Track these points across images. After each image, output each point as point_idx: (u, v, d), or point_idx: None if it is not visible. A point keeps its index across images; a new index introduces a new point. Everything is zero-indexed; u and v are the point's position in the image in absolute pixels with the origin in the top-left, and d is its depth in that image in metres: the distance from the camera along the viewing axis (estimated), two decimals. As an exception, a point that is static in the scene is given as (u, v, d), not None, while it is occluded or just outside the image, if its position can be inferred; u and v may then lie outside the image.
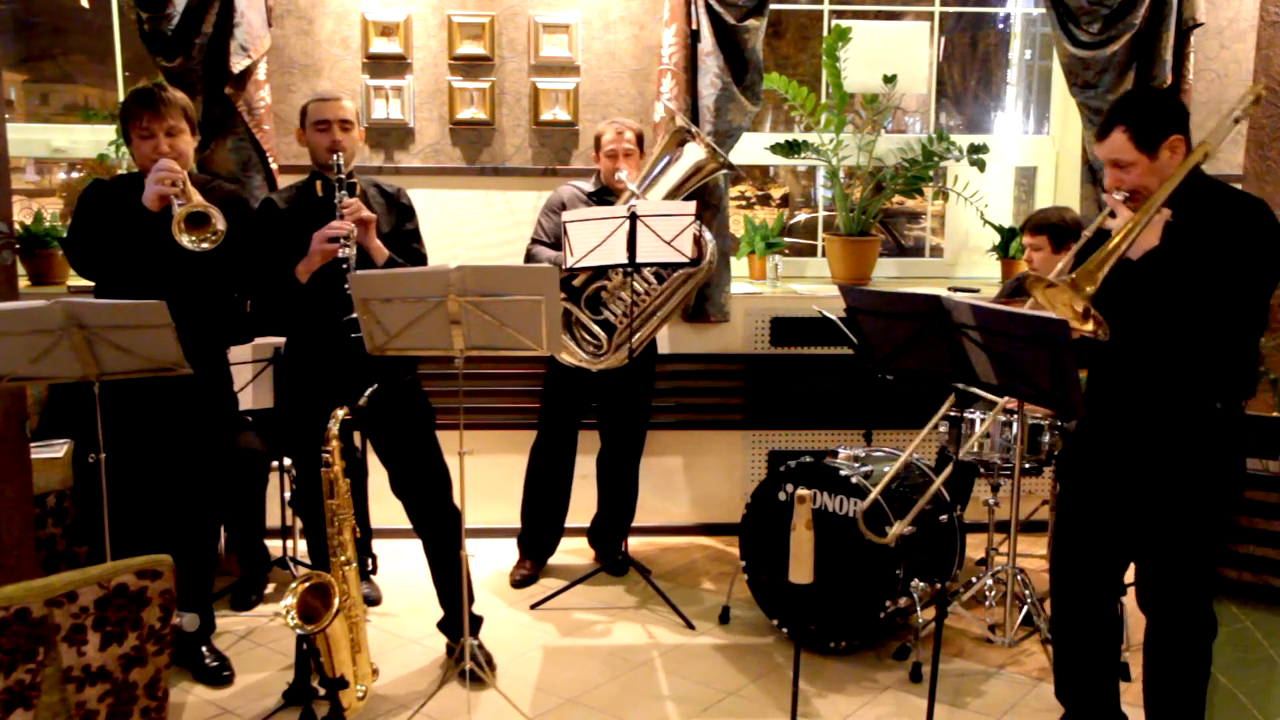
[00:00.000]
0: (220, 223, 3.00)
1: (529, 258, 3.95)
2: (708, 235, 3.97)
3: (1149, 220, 2.46)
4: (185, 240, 2.98)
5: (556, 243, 3.90)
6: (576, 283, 3.82)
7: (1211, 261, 2.45)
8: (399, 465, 3.38)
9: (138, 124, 3.15)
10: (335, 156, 3.23)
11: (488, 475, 4.46)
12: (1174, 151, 2.55)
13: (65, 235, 3.20)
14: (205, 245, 3.00)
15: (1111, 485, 2.72)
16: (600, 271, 3.83)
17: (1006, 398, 3.40)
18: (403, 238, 3.39)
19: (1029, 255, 3.76)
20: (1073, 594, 2.84)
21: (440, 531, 3.31)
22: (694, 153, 3.86)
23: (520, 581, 4.12)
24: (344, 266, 3.11)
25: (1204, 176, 2.58)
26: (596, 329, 3.89)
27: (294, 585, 2.88)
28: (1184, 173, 2.50)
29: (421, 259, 3.42)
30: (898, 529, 3.07)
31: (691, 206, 3.66)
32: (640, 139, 3.97)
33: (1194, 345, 2.54)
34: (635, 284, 3.85)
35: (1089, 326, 2.42)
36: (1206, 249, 2.46)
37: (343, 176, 3.22)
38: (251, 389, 3.86)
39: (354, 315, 2.95)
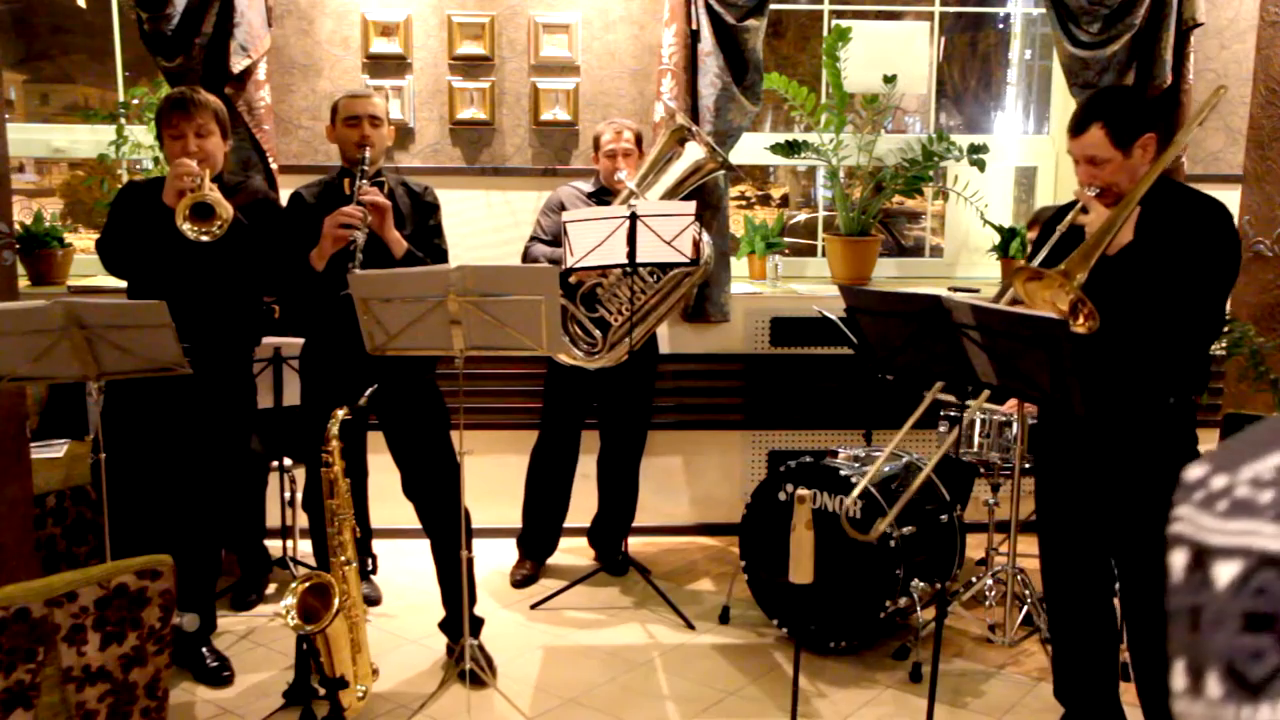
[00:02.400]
0: (225, 214, 3.03)
1: (527, 255, 3.95)
2: (705, 237, 3.97)
3: (1128, 216, 2.49)
4: (185, 228, 3.00)
5: (555, 240, 3.90)
6: (572, 280, 3.82)
7: (1179, 261, 2.50)
8: (413, 465, 3.39)
9: (169, 124, 3.20)
10: (362, 151, 3.26)
11: (488, 475, 4.46)
12: (1145, 150, 2.58)
13: (99, 239, 3.28)
14: (204, 238, 3.02)
15: (1081, 478, 2.76)
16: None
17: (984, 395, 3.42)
18: (425, 233, 3.41)
19: None
20: (1064, 589, 2.85)
21: (450, 533, 3.31)
22: (693, 152, 3.86)
23: (520, 582, 4.12)
24: (350, 247, 3.12)
25: (1164, 175, 2.63)
26: (591, 326, 3.89)
27: (294, 585, 2.89)
28: (1159, 170, 2.55)
29: (442, 254, 3.44)
30: (882, 525, 3.08)
31: (691, 206, 3.66)
32: (639, 139, 3.97)
33: (1156, 340, 2.60)
34: (631, 282, 3.85)
35: (1079, 323, 2.43)
36: (1175, 248, 2.51)
37: (365, 168, 3.25)
38: (251, 389, 3.87)
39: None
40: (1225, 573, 0.63)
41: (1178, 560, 0.65)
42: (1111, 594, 2.86)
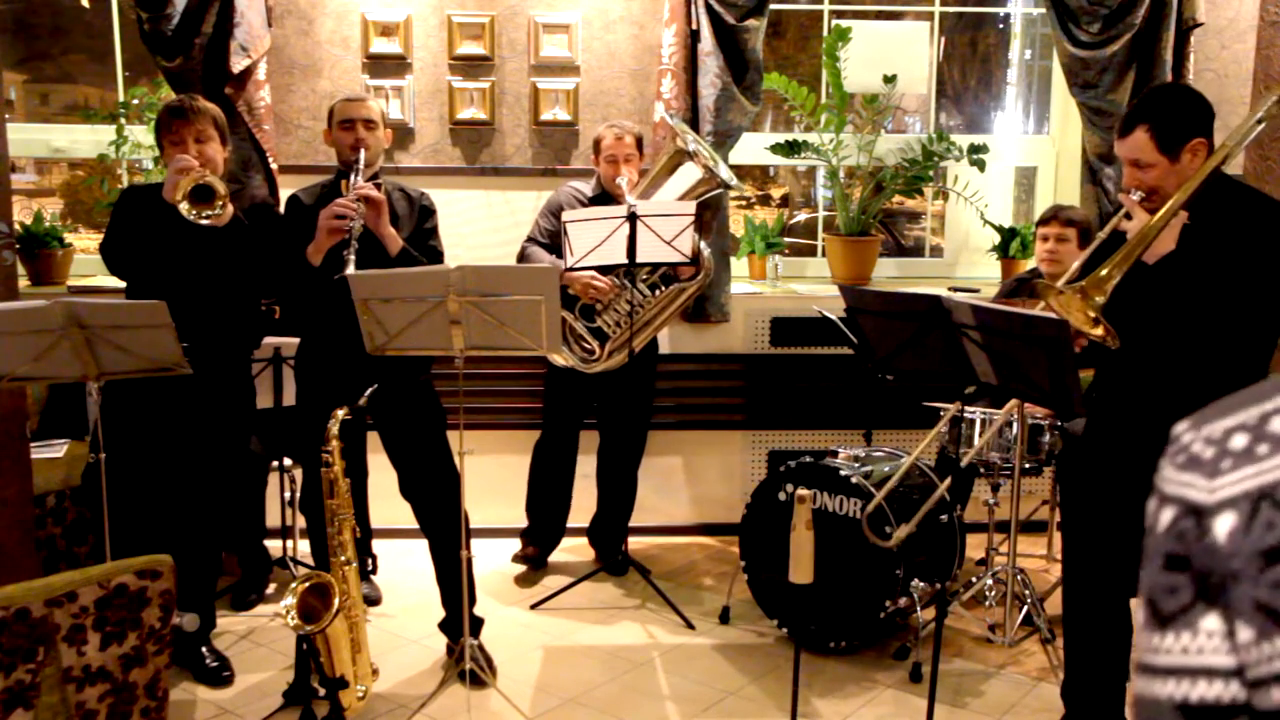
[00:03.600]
0: (223, 195, 3.04)
1: (522, 256, 3.95)
2: (704, 247, 3.96)
3: (1165, 224, 2.41)
4: (183, 207, 3.01)
5: (550, 243, 3.91)
6: (572, 291, 3.83)
7: (1228, 271, 2.39)
8: (409, 466, 3.40)
9: (169, 131, 3.22)
10: (356, 154, 3.29)
11: (489, 475, 4.46)
12: (1195, 154, 2.48)
13: (102, 242, 3.29)
14: (205, 220, 3.03)
15: (1114, 486, 2.71)
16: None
17: (1009, 406, 3.40)
18: (421, 235, 3.44)
19: (1052, 247, 3.74)
20: (1084, 596, 2.82)
21: (448, 533, 3.31)
22: (691, 173, 3.85)
23: (523, 560, 4.14)
24: (347, 234, 3.13)
25: (1224, 177, 2.51)
26: (589, 337, 3.90)
27: (294, 585, 2.88)
28: (1202, 176, 2.43)
29: (437, 255, 3.46)
30: (902, 533, 3.08)
31: (691, 206, 3.66)
32: (640, 142, 3.97)
33: (1202, 352, 2.49)
34: (630, 296, 3.85)
35: (1099, 331, 2.39)
36: (1223, 257, 2.40)
37: (359, 167, 3.27)
38: (251, 389, 3.87)
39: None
40: (1164, 518, 0.71)
41: (1150, 506, 0.74)
42: (1129, 601, 2.82)
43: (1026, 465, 3.62)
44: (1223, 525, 0.67)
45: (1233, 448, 0.70)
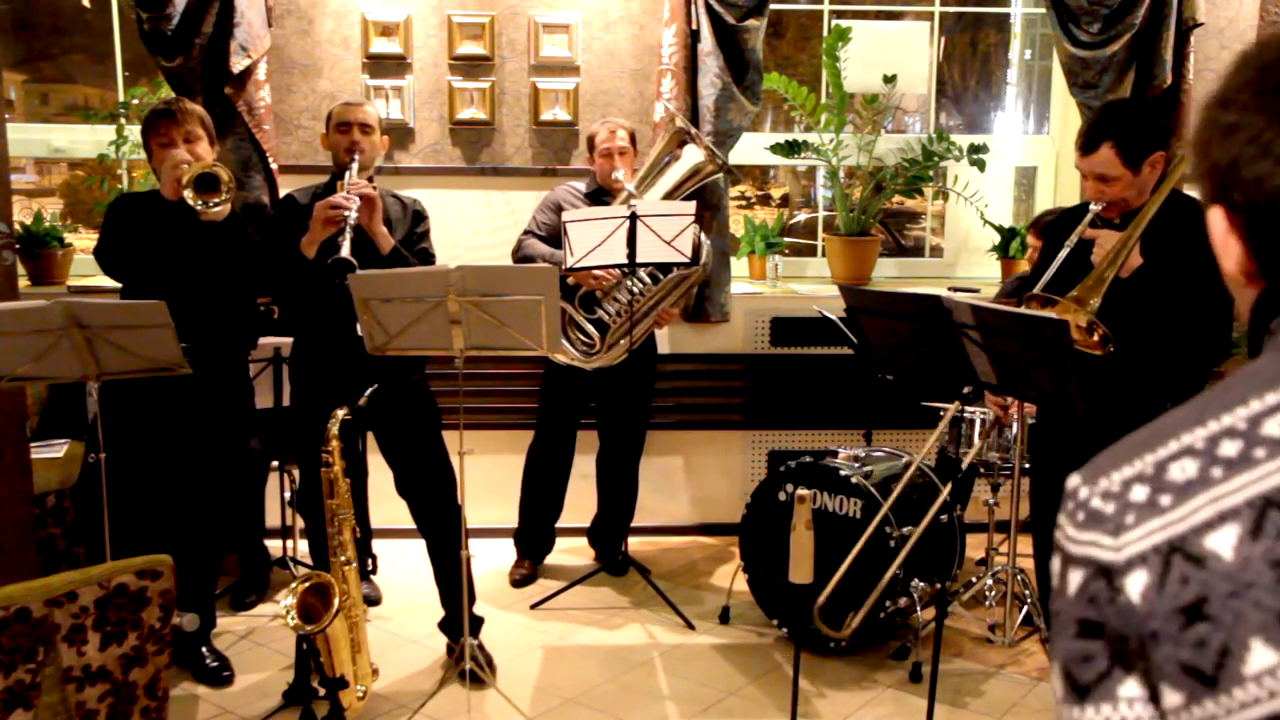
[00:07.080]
0: (228, 182, 3.06)
1: (519, 248, 3.95)
2: (704, 238, 3.97)
3: (1137, 239, 2.50)
4: (188, 195, 3.03)
5: (549, 238, 3.91)
6: (570, 281, 3.83)
7: (1187, 285, 2.51)
8: (405, 465, 3.40)
9: (157, 134, 3.23)
10: (352, 157, 3.31)
11: (487, 475, 4.46)
12: (1154, 167, 2.60)
13: (95, 247, 3.30)
14: (214, 208, 3.04)
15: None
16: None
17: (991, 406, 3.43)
18: (413, 239, 3.46)
19: (1030, 255, 3.76)
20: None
21: (445, 532, 3.32)
22: (692, 154, 3.86)
23: (519, 582, 4.13)
24: (342, 223, 3.14)
25: (1173, 189, 2.65)
26: (590, 327, 3.90)
27: (294, 585, 2.88)
28: (1167, 190, 2.57)
29: (428, 257, 3.47)
30: (856, 621, 3.10)
31: (691, 206, 3.66)
32: (633, 137, 3.98)
33: (1169, 358, 2.61)
34: (631, 284, 3.85)
35: (1095, 340, 2.44)
36: (1183, 270, 2.52)
37: (354, 169, 3.29)
38: (251, 389, 3.86)
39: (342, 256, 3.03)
40: (1073, 581, 0.68)
41: (1054, 567, 0.71)
42: None
43: (1026, 465, 3.62)
44: (1135, 584, 0.64)
45: (1134, 500, 0.67)
